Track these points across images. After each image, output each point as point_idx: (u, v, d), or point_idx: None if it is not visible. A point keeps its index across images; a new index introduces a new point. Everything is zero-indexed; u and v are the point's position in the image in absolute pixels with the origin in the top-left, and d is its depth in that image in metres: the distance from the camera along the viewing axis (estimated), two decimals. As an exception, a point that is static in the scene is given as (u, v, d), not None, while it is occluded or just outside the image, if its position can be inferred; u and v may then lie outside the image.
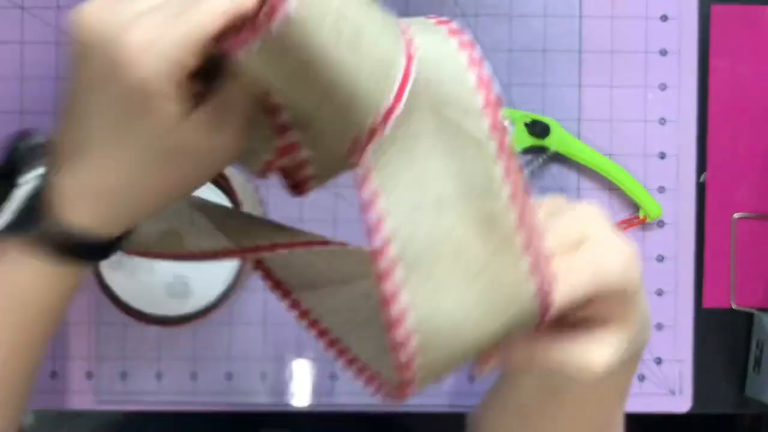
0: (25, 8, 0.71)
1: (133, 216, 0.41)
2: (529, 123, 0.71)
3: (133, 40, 0.34)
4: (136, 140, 0.37)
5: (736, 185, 0.73)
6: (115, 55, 0.34)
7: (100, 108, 0.37)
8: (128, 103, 0.35)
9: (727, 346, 0.74)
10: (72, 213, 0.39)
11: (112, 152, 0.38)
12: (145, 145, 0.37)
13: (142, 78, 0.34)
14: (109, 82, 0.35)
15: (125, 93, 0.35)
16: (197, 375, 0.72)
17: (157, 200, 0.40)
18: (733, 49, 0.73)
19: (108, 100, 0.36)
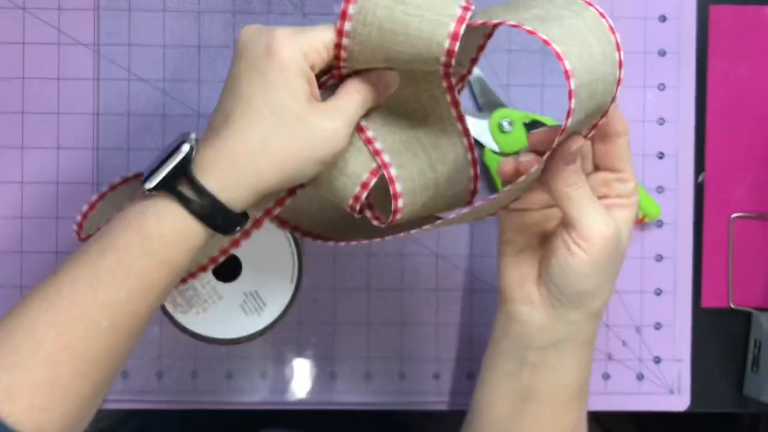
0: (26, 9, 0.71)
1: (255, 186, 0.49)
2: (528, 123, 0.71)
3: (281, 32, 0.48)
4: (272, 108, 0.48)
5: (734, 185, 0.74)
6: (269, 41, 0.48)
7: (249, 84, 0.48)
8: (271, 75, 0.48)
9: (725, 346, 0.74)
10: (207, 178, 0.48)
11: (249, 119, 0.48)
12: (277, 113, 0.48)
13: (284, 56, 0.47)
14: (260, 63, 0.48)
15: (271, 67, 0.48)
16: (198, 374, 0.72)
17: (275, 170, 0.49)
18: (731, 49, 0.73)
19: (257, 76, 0.48)
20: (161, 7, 0.71)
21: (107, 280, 0.48)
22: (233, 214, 0.49)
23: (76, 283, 0.48)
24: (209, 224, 0.49)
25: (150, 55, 0.71)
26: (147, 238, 0.48)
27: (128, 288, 0.48)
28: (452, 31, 0.46)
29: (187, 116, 0.72)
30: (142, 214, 0.49)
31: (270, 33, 0.48)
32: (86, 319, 0.47)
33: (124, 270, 0.48)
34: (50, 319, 0.47)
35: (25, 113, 0.71)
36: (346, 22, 0.48)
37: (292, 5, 0.72)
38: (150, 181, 0.49)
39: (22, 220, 0.71)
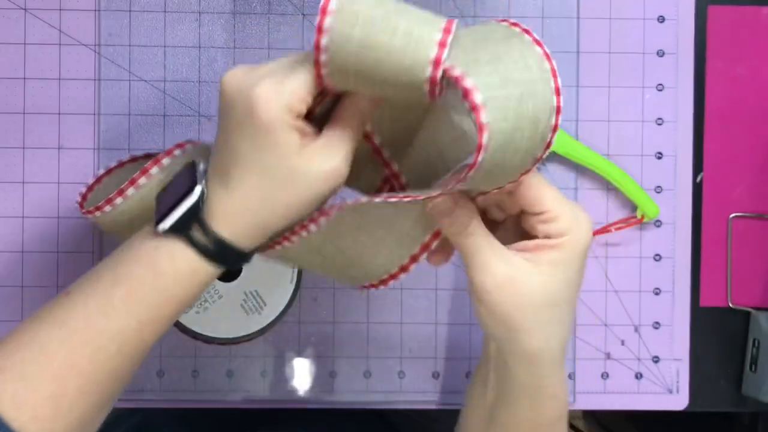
0: (27, 9, 0.71)
1: (265, 231, 0.50)
2: (527, 123, 0.71)
3: (262, 91, 0.46)
4: (264, 168, 0.48)
5: (732, 185, 0.74)
6: (249, 105, 0.46)
7: (239, 144, 0.48)
8: (258, 139, 0.47)
9: (724, 345, 0.75)
10: (218, 226, 0.50)
11: (247, 179, 0.48)
12: (269, 173, 0.48)
13: (267, 119, 0.46)
14: (245, 124, 0.47)
15: (256, 131, 0.47)
16: (198, 372, 0.72)
17: (282, 218, 0.49)
18: (730, 49, 0.73)
19: (245, 137, 0.47)
20: (161, 7, 0.72)
21: (120, 309, 0.50)
22: (244, 253, 0.51)
23: (89, 307, 0.50)
24: (221, 263, 0.51)
25: (150, 55, 0.72)
26: (160, 275, 0.50)
27: (139, 319, 0.50)
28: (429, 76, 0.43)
29: (187, 116, 0.72)
30: (155, 251, 0.51)
31: (251, 92, 0.46)
32: (96, 343, 0.49)
33: (136, 302, 0.50)
34: (62, 337, 0.49)
35: (27, 113, 0.71)
36: (323, 68, 0.45)
37: (292, 5, 0.72)
38: (163, 222, 0.50)
39: (23, 220, 0.71)
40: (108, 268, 0.52)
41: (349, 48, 0.43)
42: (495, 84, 0.42)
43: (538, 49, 0.44)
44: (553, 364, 0.51)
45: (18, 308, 0.72)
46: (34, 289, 0.72)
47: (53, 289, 0.72)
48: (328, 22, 0.43)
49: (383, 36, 0.43)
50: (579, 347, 0.73)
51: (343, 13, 0.43)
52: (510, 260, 0.48)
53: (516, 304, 0.48)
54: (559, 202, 0.48)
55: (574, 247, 0.48)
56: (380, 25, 0.43)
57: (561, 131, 0.71)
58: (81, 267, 0.71)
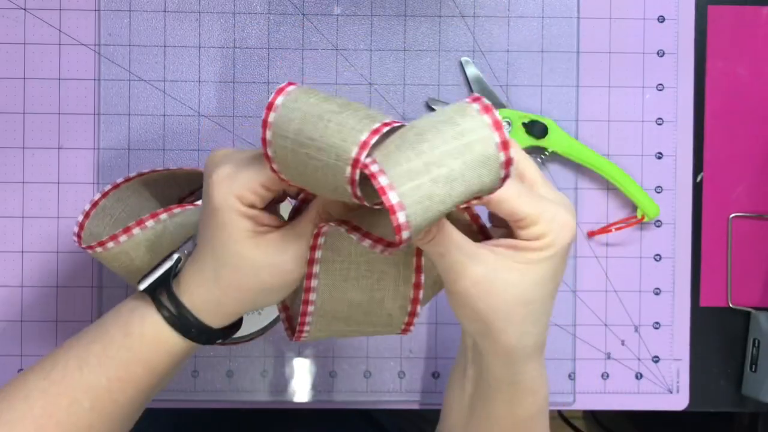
0: (27, 9, 0.71)
1: (222, 309, 0.52)
2: (527, 123, 0.71)
3: (217, 175, 0.48)
4: (213, 248, 0.50)
5: (732, 185, 0.74)
6: (208, 186, 0.49)
7: (203, 221, 0.51)
8: (212, 218, 0.49)
9: (724, 345, 0.75)
10: (182, 293, 0.52)
11: (204, 255, 0.51)
12: (218, 254, 0.50)
13: (217, 202, 0.48)
14: (206, 201, 0.50)
15: (211, 211, 0.49)
16: (198, 372, 0.72)
17: (235, 300, 0.51)
18: (729, 49, 0.73)
19: (205, 215, 0.50)
20: (161, 7, 0.72)
21: (93, 364, 0.52)
22: (209, 329, 0.53)
23: (69, 362, 0.53)
24: (183, 334, 0.53)
25: (150, 55, 0.72)
26: (128, 335, 0.53)
27: (108, 376, 0.52)
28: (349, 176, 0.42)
29: (187, 116, 0.72)
30: (131, 312, 0.53)
31: (211, 174, 0.49)
32: (70, 396, 0.52)
33: (108, 359, 0.52)
34: (44, 387, 0.52)
35: (27, 113, 0.71)
36: (273, 164, 0.45)
37: (292, 5, 0.72)
38: (142, 282, 0.53)
39: (23, 220, 0.71)
40: (92, 328, 0.55)
41: (285, 143, 0.44)
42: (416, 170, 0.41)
43: (475, 106, 0.43)
44: (529, 360, 0.51)
45: (18, 308, 0.72)
46: (34, 290, 0.72)
47: (53, 289, 0.72)
48: (271, 117, 0.44)
49: (314, 134, 0.43)
50: (579, 347, 0.74)
51: (285, 109, 0.44)
52: (483, 260, 0.48)
53: (489, 302, 0.48)
54: (536, 207, 0.47)
55: (549, 250, 0.48)
56: (314, 122, 0.43)
57: (561, 131, 0.71)
58: (80, 266, 0.71)
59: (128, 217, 0.64)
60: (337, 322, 0.53)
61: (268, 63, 0.72)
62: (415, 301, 0.52)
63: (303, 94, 0.44)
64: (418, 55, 0.73)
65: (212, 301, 0.52)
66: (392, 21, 0.72)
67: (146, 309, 0.53)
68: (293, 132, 0.43)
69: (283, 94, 0.45)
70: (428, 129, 0.42)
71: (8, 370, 0.72)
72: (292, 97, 0.44)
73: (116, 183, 0.62)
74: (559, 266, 0.49)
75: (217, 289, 0.51)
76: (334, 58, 0.72)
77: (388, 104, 0.72)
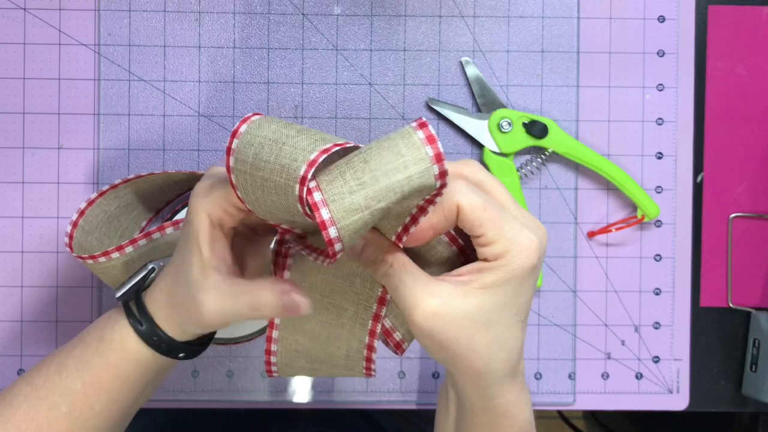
0: (27, 9, 0.71)
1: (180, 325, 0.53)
2: (527, 123, 0.71)
3: (195, 189, 0.50)
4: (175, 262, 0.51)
5: (733, 185, 0.74)
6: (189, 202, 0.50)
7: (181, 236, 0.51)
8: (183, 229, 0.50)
9: (724, 345, 0.75)
10: (149, 302, 0.54)
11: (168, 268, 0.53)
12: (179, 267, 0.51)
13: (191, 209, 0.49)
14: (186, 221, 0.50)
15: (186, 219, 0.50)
16: (198, 372, 0.72)
17: (187, 321, 0.52)
18: (730, 49, 0.73)
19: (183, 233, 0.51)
20: (161, 7, 0.72)
21: (70, 368, 0.54)
22: (170, 340, 0.54)
23: (51, 366, 0.55)
24: (147, 342, 0.54)
25: (150, 55, 0.72)
26: (102, 339, 0.54)
27: (83, 380, 0.54)
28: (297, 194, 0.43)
29: (187, 116, 0.72)
30: (108, 319, 0.55)
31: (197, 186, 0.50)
32: (49, 400, 0.54)
33: (83, 362, 0.54)
34: (27, 393, 0.54)
35: (26, 113, 0.71)
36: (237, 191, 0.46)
37: (292, 5, 0.72)
38: (118, 290, 0.55)
39: (22, 220, 0.71)
40: (79, 334, 0.56)
41: (245, 168, 0.45)
42: (356, 206, 0.43)
43: (419, 134, 0.43)
44: (502, 385, 0.50)
45: (18, 308, 0.72)
46: (34, 290, 0.72)
47: (53, 289, 0.72)
48: (234, 144, 0.45)
49: (270, 156, 0.44)
50: (579, 347, 0.74)
51: (247, 135, 0.45)
52: (436, 292, 0.47)
53: (447, 332, 0.47)
54: (498, 225, 0.46)
55: (508, 271, 0.46)
56: (269, 146, 0.44)
57: (561, 131, 0.71)
58: (79, 266, 0.71)
59: (120, 214, 0.65)
60: (299, 357, 0.54)
61: (268, 63, 0.72)
62: (369, 348, 0.53)
63: (265, 122, 0.45)
64: (418, 55, 0.73)
65: (169, 316, 0.53)
66: (392, 21, 0.72)
67: (119, 316, 0.55)
68: (251, 156, 0.44)
69: (247, 122, 0.46)
70: (373, 157, 0.43)
71: (8, 370, 0.72)
72: (255, 125, 0.45)
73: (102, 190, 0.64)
74: (521, 289, 0.48)
75: (170, 304, 0.53)
76: (334, 58, 0.72)
77: (388, 104, 0.72)
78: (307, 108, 0.72)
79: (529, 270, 0.47)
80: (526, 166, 0.73)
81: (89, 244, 0.63)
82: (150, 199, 0.68)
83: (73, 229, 0.62)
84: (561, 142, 0.71)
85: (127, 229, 0.67)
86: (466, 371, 0.49)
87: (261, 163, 0.44)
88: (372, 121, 0.72)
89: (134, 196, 0.66)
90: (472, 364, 0.48)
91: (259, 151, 0.44)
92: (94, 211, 0.63)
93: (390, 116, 0.72)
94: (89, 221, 0.63)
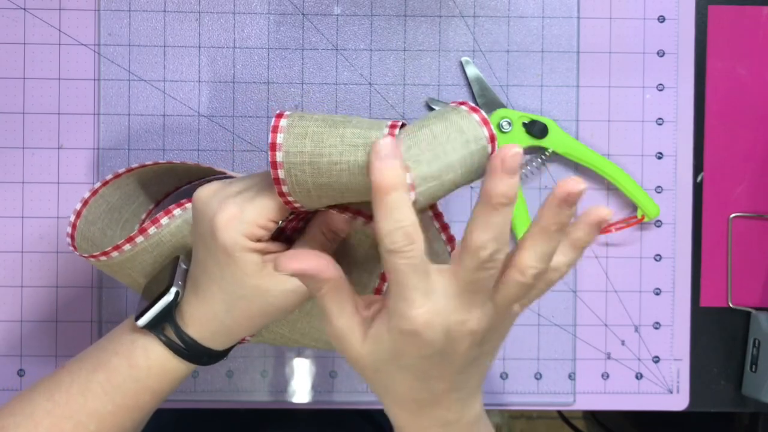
0: (27, 9, 0.71)
1: (232, 336, 0.54)
2: (527, 123, 0.71)
3: (222, 217, 0.49)
4: (225, 284, 0.51)
5: (733, 185, 0.74)
6: (212, 226, 0.49)
7: (205, 259, 0.51)
8: (219, 258, 0.50)
9: (724, 345, 0.75)
10: (187, 327, 0.54)
11: (213, 291, 0.52)
12: (230, 289, 0.51)
13: (226, 244, 0.49)
14: (209, 242, 0.50)
15: (218, 251, 0.50)
16: (198, 372, 0.72)
17: (246, 327, 0.53)
18: (730, 49, 0.73)
19: (209, 254, 0.51)
20: (161, 7, 0.72)
21: (97, 392, 0.54)
22: (216, 353, 0.55)
23: (72, 388, 0.54)
24: (192, 362, 0.55)
25: (150, 55, 0.72)
26: (134, 367, 0.54)
27: (115, 403, 0.54)
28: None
29: (187, 116, 0.72)
30: (132, 344, 0.55)
31: (214, 218, 0.49)
32: (75, 419, 0.54)
33: (113, 387, 0.54)
34: (48, 408, 0.54)
35: (26, 113, 0.71)
36: (283, 186, 0.47)
37: (292, 5, 0.72)
38: (141, 319, 0.54)
39: (23, 220, 0.71)
40: (92, 354, 0.56)
41: (302, 158, 0.45)
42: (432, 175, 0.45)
43: (475, 116, 0.47)
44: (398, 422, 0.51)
45: (18, 308, 0.72)
46: (34, 290, 0.72)
47: (53, 289, 0.72)
48: (279, 139, 0.46)
49: (334, 140, 0.45)
50: (579, 347, 0.74)
51: (293, 128, 0.46)
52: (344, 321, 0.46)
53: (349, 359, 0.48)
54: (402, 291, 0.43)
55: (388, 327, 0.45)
56: (329, 132, 0.46)
57: (561, 131, 0.71)
58: (79, 266, 0.71)
59: (122, 205, 0.65)
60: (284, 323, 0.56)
61: (268, 63, 0.72)
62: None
63: (304, 115, 0.47)
64: (418, 55, 0.73)
65: (223, 332, 0.54)
66: (392, 21, 0.72)
67: (148, 342, 0.54)
68: (309, 145, 0.45)
69: (285, 117, 0.47)
70: (440, 134, 0.46)
71: (8, 370, 0.72)
72: (295, 118, 0.46)
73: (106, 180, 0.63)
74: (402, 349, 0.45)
75: (229, 320, 0.53)
76: (334, 58, 0.72)
77: (388, 104, 0.72)
78: (307, 108, 0.72)
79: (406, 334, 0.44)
80: (526, 166, 0.73)
81: (92, 234, 0.63)
82: (150, 189, 0.68)
83: (76, 219, 0.61)
84: (561, 142, 0.71)
85: (128, 221, 0.67)
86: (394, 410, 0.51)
87: (325, 149, 0.45)
88: (372, 121, 0.72)
89: (136, 185, 0.66)
90: (383, 400, 0.50)
91: (318, 139, 0.45)
92: (97, 201, 0.63)
93: (390, 116, 0.72)
94: (92, 211, 0.63)
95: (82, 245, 0.61)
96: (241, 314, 0.52)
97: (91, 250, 0.62)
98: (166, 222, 0.57)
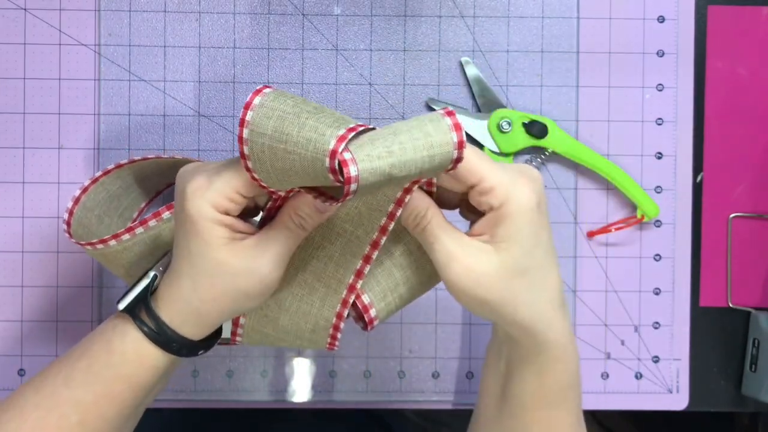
0: (27, 9, 0.71)
1: (202, 320, 0.53)
2: (527, 123, 0.71)
3: (191, 187, 0.50)
4: (192, 258, 0.51)
5: (732, 185, 0.74)
6: (182, 198, 0.50)
7: (178, 232, 0.52)
8: (187, 228, 0.50)
9: (723, 345, 0.75)
10: (160, 309, 0.53)
11: (181, 266, 0.52)
12: (195, 262, 0.51)
13: (193, 212, 0.49)
14: (180, 215, 0.51)
15: (186, 220, 0.50)
16: (198, 372, 0.72)
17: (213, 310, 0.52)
18: (729, 49, 0.73)
19: (180, 226, 0.51)
20: (161, 7, 0.72)
21: (78, 380, 0.54)
22: (189, 342, 0.54)
23: (57, 377, 0.55)
24: (165, 349, 0.54)
25: (150, 55, 0.72)
26: (111, 352, 0.54)
27: (94, 391, 0.54)
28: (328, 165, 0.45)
29: (187, 116, 0.72)
30: (112, 330, 0.55)
31: (185, 186, 0.50)
32: (59, 411, 0.54)
33: (93, 375, 0.54)
34: (36, 402, 0.54)
35: (27, 113, 0.71)
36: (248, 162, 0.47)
37: (292, 5, 0.72)
38: (121, 302, 0.54)
39: (23, 220, 0.71)
40: (80, 344, 0.56)
41: (263, 140, 0.46)
42: (378, 155, 0.45)
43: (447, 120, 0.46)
44: (550, 327, 0.51)
45: (18, 308, 0.72)
46: (34, 290, 0.72)
47: (53, 289, 0.72)
48: (248, 116, 0.46)
49: (292, 129, 0.45)
50: (579, 347, 0.73)
51: (263, 108, 0.46)
52: (469, 250, 0.49)
53: (484, 287, 0.49)
54: (494, 172, 0.48)
55: (518, 214, 0.48)
56: (291, 119, 0.46)
57: (561, 131, 0.71)
58: (79, 266, 0.72)
59: (121, 194, 0.65)
60: (268, 323, 0.55)
61: (268, 63, 0.72)
62: (335, 327, 0.55)
63: (281, 96, 0.47)
64: (418, 55, 0.73)
65: (191, 313, 0.53)
66: (392, 21, 0.73)
67: (126, 327, 0.54)
68: (271, 128, 0.46)
69: (261, 95, 0.47)
70: (403, 132, 0.46)
71: (8, 370, 0.72)
72: (269, 98, 0.47)
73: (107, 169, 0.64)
74: (538, 228, 0.49)
75: (196, 300, 0.52)
76: (334, 58, 0.72)
77: (388, 104, 0.72)
78: (307, 108, 0.72)
79: (536, 206, 0.49)
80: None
81: (89, 220, 0.63)
82: (152, 180, 0.68)
83: (74, 206, 0.61)
84: (561, 142, 0.71)
85: (126, 209, 0.67)
86: (514, 321, 0.50)
87: (283, 135, 0.45)
88: (372, 121, 0.72)
89: (136, 177, 0.66)
90: (515, 314, 0.50)
91: (279, 124, 0.46)
92: (97, 189, 0.64)
93: (390, 116, 0.72)
94: (91, 198, 0.63)
95: (78, 231, 0.61)
96: (206, 293, 0.51)
97: (86, 237, 0.62)
98: (167, 216, 0.57)
